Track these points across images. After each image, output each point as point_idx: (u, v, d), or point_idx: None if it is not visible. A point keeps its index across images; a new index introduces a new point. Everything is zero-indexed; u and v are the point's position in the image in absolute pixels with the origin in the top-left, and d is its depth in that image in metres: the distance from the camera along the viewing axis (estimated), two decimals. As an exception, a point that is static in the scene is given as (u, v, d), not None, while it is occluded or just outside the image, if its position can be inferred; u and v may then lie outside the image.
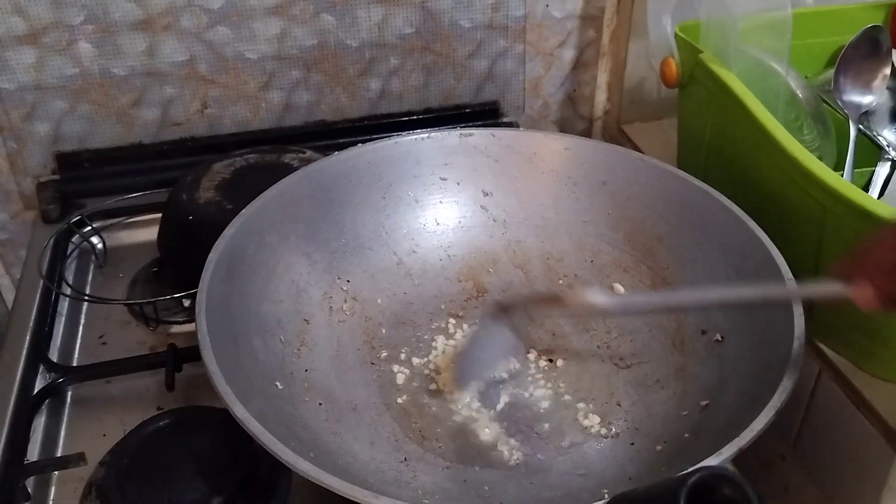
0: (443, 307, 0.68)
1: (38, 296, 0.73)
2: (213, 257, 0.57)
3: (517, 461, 0.56)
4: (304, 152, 0.80)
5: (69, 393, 0.66)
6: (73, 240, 0.81)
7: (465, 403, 0.60)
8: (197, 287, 0.55)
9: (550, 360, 0.63)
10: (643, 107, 0.98)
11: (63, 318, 0.73)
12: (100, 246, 0.82)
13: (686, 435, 0.54)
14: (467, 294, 0.70)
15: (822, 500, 0.63)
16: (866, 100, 0.71)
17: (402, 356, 0.64)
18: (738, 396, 0.53)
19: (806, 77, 0.74)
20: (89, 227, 0.82)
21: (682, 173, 0.67)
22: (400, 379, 0.62)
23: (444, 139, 0.72)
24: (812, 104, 0.71)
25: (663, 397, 0.59)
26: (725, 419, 0.52)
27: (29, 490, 0.57)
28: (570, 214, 0.71)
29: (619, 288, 0.67)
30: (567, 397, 0.60)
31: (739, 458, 0.45)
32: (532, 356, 0.64)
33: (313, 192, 0.67)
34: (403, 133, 0.75)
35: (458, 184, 0.72)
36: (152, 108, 0.88)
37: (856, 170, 0.68)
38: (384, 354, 0.64)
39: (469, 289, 0.70)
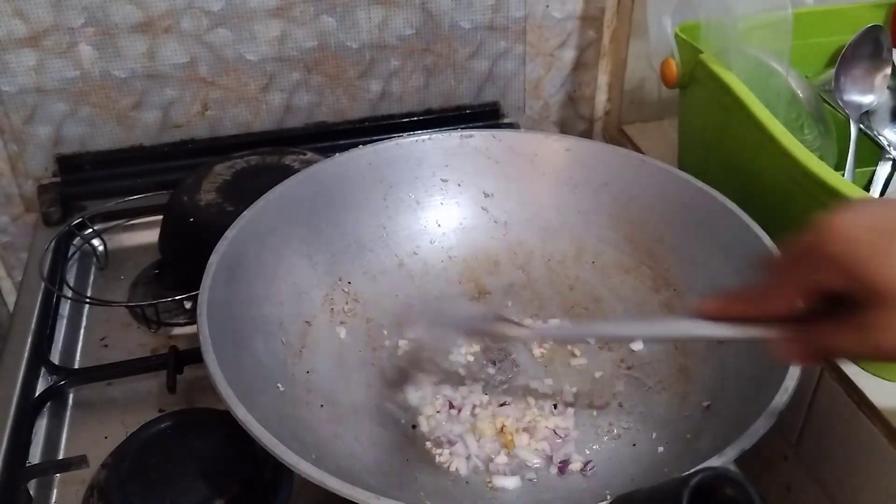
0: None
1: (39, 298, 0.73)
2: (214, 259, 0.57)
3: (519, 462, 0.56)
4: (304, 154, 0.80)
5: (71, 395, 0.66)
6: (74, 242, 0.81)
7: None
8: (198, 289, 0.55)
9: (549, 359, 0.63)
10: (644, 107, 0.98)
11: (64, 321, 0.73)
12: (101, 248, 0.82)
13: (688, 436, 0.54)
14: (468, 295, 0.70)
15: (824, 500, 0.63)
16: (867, 99, 0.71)
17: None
18: (739, 397, 0.53)
19: (806, 77, 0.74)
20: (90, 230, 0.82)
21: (683, 174, 0.66)
22: (401, 380, 0.62)
23: (445, 140, 0.72)
24: (813, 104, 0.71)
25: (665, 398, 0.59)
26: (727, 420, 0.51)
27: (31, 492, 0.57)
28: (572, 215, 0.71)
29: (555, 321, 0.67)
30: (569, 398, 0.60)
31: (741, 459, 0.45)
32: (534, 357, 0.64)
33: (314, 194, 0.67)
34: (404, 134, 0.74)
35: (458, 185, 0.72)
36: (153, 110, 0.88)
37: (857, 169, 0.68)
38: (385, 356, 0.64)
39: (470, 290, 0.70)
